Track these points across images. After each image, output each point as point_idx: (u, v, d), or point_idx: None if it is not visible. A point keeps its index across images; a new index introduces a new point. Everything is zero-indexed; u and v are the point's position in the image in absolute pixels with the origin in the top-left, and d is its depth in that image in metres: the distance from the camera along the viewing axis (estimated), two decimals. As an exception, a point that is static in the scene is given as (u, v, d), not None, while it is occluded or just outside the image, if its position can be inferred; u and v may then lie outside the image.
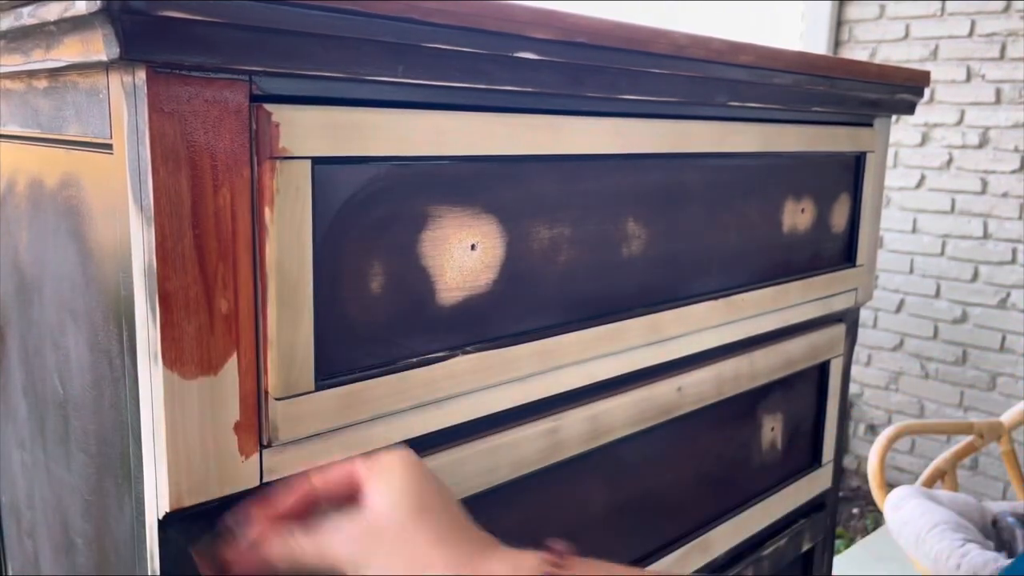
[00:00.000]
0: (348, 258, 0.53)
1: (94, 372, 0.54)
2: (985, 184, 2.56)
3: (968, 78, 2.57)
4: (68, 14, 0.42)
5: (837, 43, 2.84)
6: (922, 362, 2.74)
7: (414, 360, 0.57)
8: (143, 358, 0.46)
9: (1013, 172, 2.52)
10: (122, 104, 0.44)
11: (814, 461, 1.07)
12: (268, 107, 0.47)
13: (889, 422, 2.84)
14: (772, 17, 2.95)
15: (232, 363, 0.48)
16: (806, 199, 0.94)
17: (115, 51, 0.41)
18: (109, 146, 0.47)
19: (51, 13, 0.44)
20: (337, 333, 0.53)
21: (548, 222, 0.65)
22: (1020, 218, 2.51)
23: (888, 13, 2.71)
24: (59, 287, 0.57)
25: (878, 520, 2.66)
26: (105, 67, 0.45)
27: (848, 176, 1.00)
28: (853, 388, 2.89)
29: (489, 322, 0.62)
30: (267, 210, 0.48)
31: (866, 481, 2.80)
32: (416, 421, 0.58)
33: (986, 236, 2.57)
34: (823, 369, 1.04)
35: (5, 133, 0.61)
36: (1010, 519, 1.54)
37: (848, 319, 1.06)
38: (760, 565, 0.97)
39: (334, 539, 0.47)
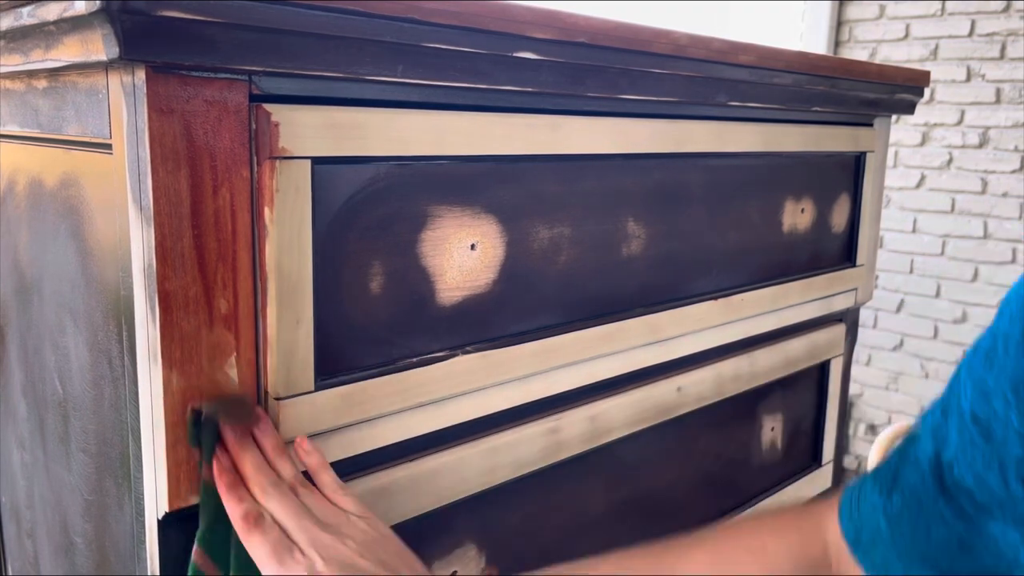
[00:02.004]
0: (348, 258, 0.53)
1: (94, 372, 0.54)
2: (985, 184, 2.56)
3: (968, 78, 2.57)
4: (67, 14, 0.42)
5: (837, 43, 2.84)
6: (922, 362, 2.74)
7: (414, 360, 0.57)
8: (143, 358, 0.46)
9: (1013, 172, 2.51)
10: (121, 104, 0.44)
11: (814, 461, 1.07)
12: (268, 107, 0.47)
13: (889, 422, 2.83)
14: (772, 17, 2.95)
15: (232, 363, 0.48)
16: (806, 199, 0.94)
17: (115, 51, 0.40)
18: (109, 146, 0.47)
19: (50, 13, 0.44)
20: (337, 333, 0.53)
21: (548, 222, 0.65)
22: (1020, 218, 2.51)
23: (888, 13, 2.71)
24: (59, 287, 0.57)
25: (878, 520, 2.65)
26: (105, 67, 0.45)
27: (848, 176, 1.00)
28: (853, 388, 2.89)
29: (489, 322, 0.62)
30: (267, 210, 0.48)
31: (866, 481, 2.79)
32: (416, 421, 0.58)
33: (986, 236, 2.57)
34: (823, 369, 1.04)
35: (5, 133, 0.61)
36: (1010, 519, 1.54)
37: (848, 319, 1.06)
38: (760, 565, 0.97)
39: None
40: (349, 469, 0.55)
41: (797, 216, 0.93)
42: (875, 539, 0.45)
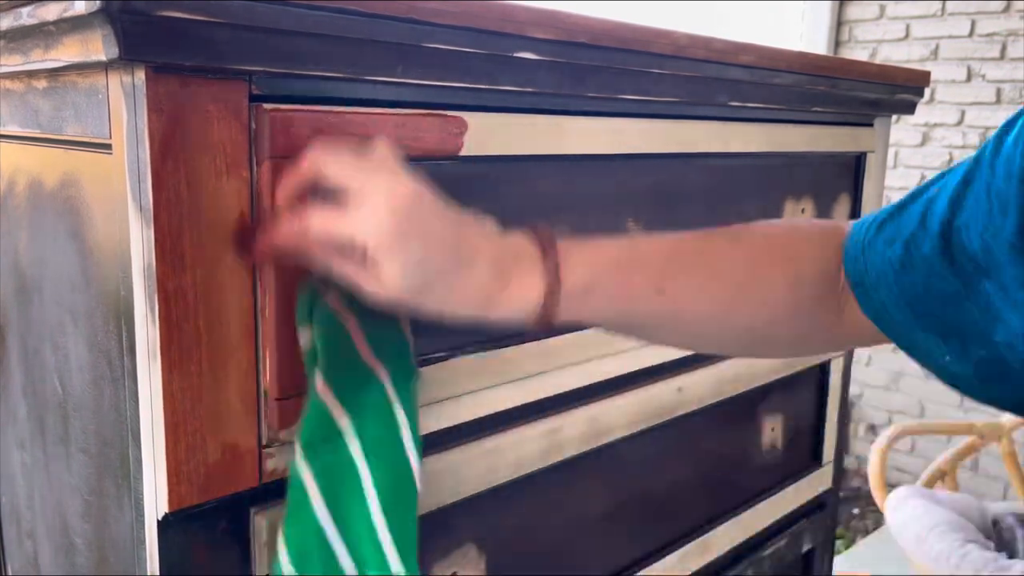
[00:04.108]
0: (348, 258, 0.53)
1: (94, 372, 0.54)
2: (985, 184, 2.56)
3: (968, 78, 2.57)
4: (67, 14, 0.42)
5: (837, 43, 2.84)
6: (922, 362, 2.74)
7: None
8: (143, 358, 0.46)
9: (1013, 172, 2.51)
10: (121, 104, 0.44)
11: (814, 461, 1.07)
12: (267, 107, 0.47)
13: (889, 422, 2.83)
14: (772, 17, 2.95)
15: (231, 363, 0.48)
16: (806, 199, 0.94)
17: (114, 51, 0.40)
18: (108, 146, 0.47)
19: (50, 13, 0.44)
20: (337, 333, 0.53)
21: (548, 222, 0.65)
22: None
23: (888, 13, 2.71)
24: (59, 287, 0.57)
25: (878, 520, 2.65)
26: (104, 67, 0.45)
27: (848, 176, 1.00)
28: (853, 388, 2.88)
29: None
30: (267, 210, 0.47)
31: (866, 481, 2.80)
32: (416, 421, 0.58)
33: (986, 236, 2.57)
34: (823, 369, 1.04)
35: (5, 133, 0.61)
36: (1010, 519, 1.54)
37: (848, 319, 1.06)
38: (760, 566, 0.97)
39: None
40: (349, 469, 0.55)
41: (798, 216, 0.93)
42: (878, 284, 0.50)
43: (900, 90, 0.98)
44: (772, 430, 0.98)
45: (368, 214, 0.44)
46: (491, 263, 0.49)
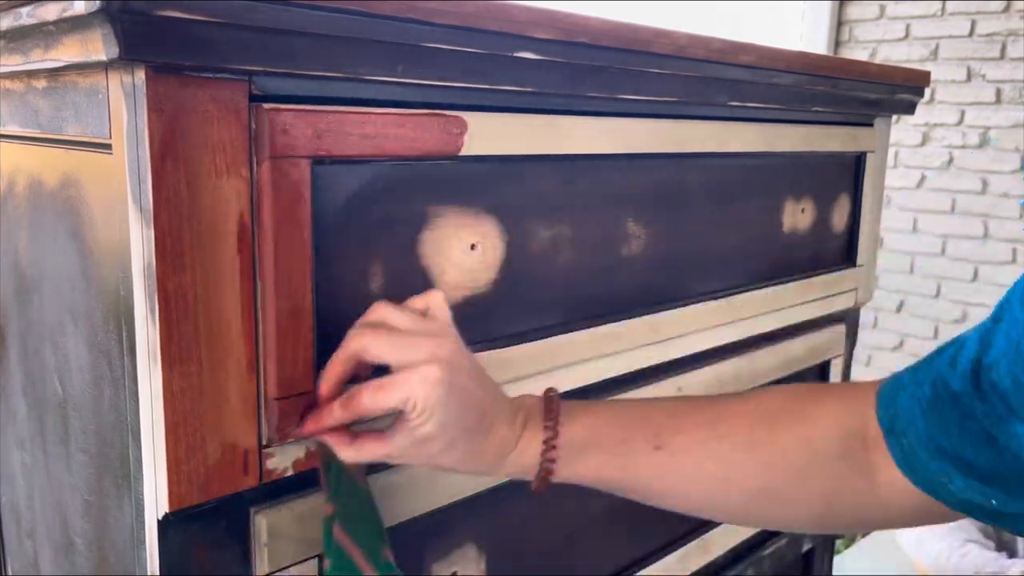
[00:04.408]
0: (348, 258, 0.53)
1: (94, 372, 0.54)
2: (985, 184, 2.56)
3: (968, 78, 2.57)
4: (67, 14, 0.42)
5: (837, 43, 2.84)
6: (922, 362, 2.74)
7: (414, 360, 0.57)
8: (143, 358, 0.46)
9: (1013, 172, 2.51)
10: (121, 104, 0.44)
11: (814, 461, 1.06)
12: (267, 107, 0.47)
13: (889, 422, 2.83)
14: (772, 17, 2.95)
15: (231, 363, 0.48)
16: (806, 199, 0.94)
17: (114, 51, 0.40)
18: (108, 146, 0.47)
19: (50, 13, 0.44)
20: (337, 334, 0.53)
21: (548, 222, 0.65)
22: (1020, 218, 2.51)
23: (888, 13, 2.71)
24: (59, 287, 0.57)
25: (878, 520, 2.65)
26: (104, 67, 0.45)
27: (848, 176, 1.00)
28: (853, 388, 2.88)
29: (489, 322, 0.62)
30: (266, 210, 0.48)
31: (866, 481, 2.79)
32: (416, 421, 0.58)
33: (986, 236, 2.57)
34: (823, 369, 1.04)
35: (5, 133, 0.61)
36: (1010, 519, 1.54)
37: (848, 319, 1.06)
38: (760, 566, 0.97)
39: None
40: (349, 469, 0.55)
41: (797, 216, 0.93)
42: (908, 428, 0.49)
43: (900, 90, 0.98)
44: (772, 430, 0.98)
45: (417, 378, 0.47)
46: (507, 424, 0.52)
